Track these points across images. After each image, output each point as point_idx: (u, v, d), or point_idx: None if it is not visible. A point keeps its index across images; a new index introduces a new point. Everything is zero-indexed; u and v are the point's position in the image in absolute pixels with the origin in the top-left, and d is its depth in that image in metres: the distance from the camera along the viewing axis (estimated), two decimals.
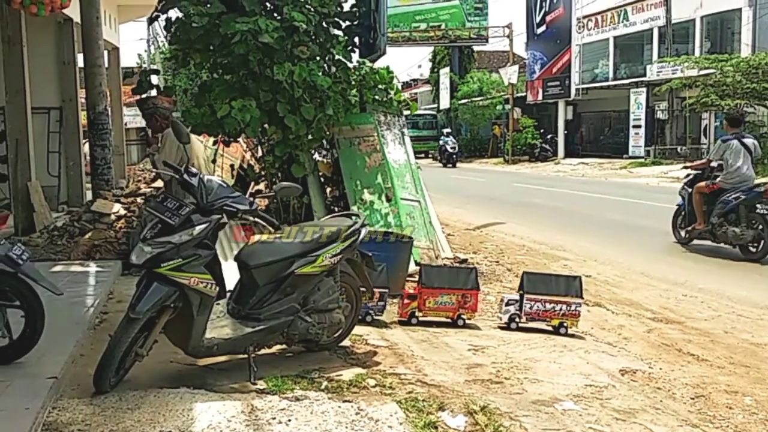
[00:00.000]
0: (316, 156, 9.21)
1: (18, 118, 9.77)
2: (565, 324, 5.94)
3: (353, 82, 8.44)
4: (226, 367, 4.62)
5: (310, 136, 8.23)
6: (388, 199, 8.36)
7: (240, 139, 9.92)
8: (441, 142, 33.39)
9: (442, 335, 5.73)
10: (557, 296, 5.95)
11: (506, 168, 31.80)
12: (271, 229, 4.27)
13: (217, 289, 4.23)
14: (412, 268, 7.33)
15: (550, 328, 5.97)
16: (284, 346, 4.93)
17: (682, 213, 10.35)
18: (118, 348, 3.98)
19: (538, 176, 26.37)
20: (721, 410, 4.35)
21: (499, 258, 9.59)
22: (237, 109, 7.47)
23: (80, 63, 12.16)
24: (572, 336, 5.91)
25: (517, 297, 6.04)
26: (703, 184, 9.76)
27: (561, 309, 5.95)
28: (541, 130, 34.44)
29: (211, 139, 12.08)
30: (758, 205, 9.10)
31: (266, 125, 8.17)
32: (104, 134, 10.77)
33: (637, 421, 4.04)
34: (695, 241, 10.07)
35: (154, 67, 29.47)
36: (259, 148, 10.94)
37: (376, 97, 8.82)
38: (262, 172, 9.03)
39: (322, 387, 4.33)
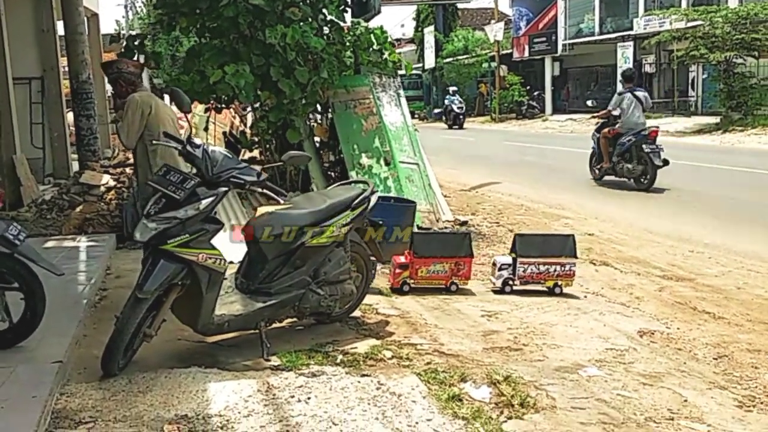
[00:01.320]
0: (311, 121, 8.96)
1: None
2: (559, 284, 5.83)
3: (348, 44, 8.16)
4: (236, 344, 4.46)
5: (304, 101, 7.97)
6: (387, 163, 8.16)
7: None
8: (446, 102, 31.58)
9: (452, 301, 5.60)
10: (551, 257, 5.83)
11: (494, 126, 31.54)
12: (280, 200, 4.07)
13: (227, 264, 4.05)
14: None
15: (545, 290, 5.86)
16: (294, 320, 4.78)
17: (594, 155, 12.43)
18: (126, 329, 3.81)
19: (527, 134, 26.19)
20: (747, 370, 4.25)
21: (498, 219, 9.44)
22: (230, 74, 7.19)
23: (60, 31, 11.76)
24: (585, 297, 5.80)
25: (510, 261, 5.90)
26: (606, 130, 11.83)
27: (555, 270, 5.83)
28: (528, 87, 34.11)
29: (200, 106, 11.79)
30: (644, 146, 11.16)
31: (259, 90, 7.90)
32: (89, 104, 10.46)
33: (664, 386, 3.94)
34: (606, 177, 12.02)
35: (133, 33, 28.66)
36: (250, 114, 10.69)
37: (371, 58, 8.54)
38: (255, 139, 8.78)
39: (338, 361, 4.20)
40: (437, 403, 3.59)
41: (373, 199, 4.75)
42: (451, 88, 32.16)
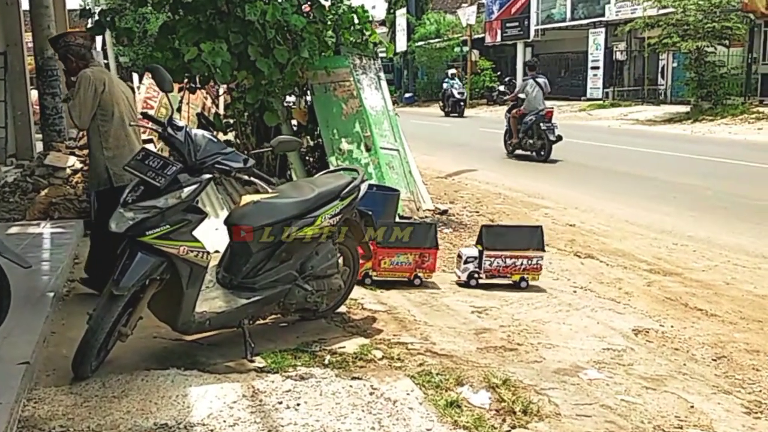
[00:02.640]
0: (287, 103, 8.66)
1: None
2: (526, 278, 5.68)
3: (329, 22, 7.85)
4: (217, 342, 4.20)
5: (282, 82, 7.66)
6: (368, 149, 7.91)
7: None
8: (444, 86, 28.90)
9: (441, 296, 5.40)
10: (518, 251, 5.66)
11: (466, 112, 31.30)
12: (268, 188, 3.79)
13: (210, 257, 3.77)
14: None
15: (510, 283, 5.70)
16: (278, 316, 4.53)
17: (507, 132, 14.54)
18: (100, 329, 3.52)
19: (500, 120, 25.86)
20: (748, 373, 4.12)
21: (477, 208, 9.27)
22: (206, 52, 6.84)
23: (24, 4, 11.22)
24: (575, 291, 5.66)
25: (476, 253, 5.71)
26: (514, 111, 14.02)
27: (522, 264, 5.67)
28: (499, 73, 33.95)
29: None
30: (542, 124, 13.36)
31: (235, 70, 7.56)
32: (54, 81, 9.99)
33: (668, 390, 3.79)
34: (518, 151, 14.16)
35: (102, 8, 27.84)
36: (223, 96, 10.32)
37: (352, 38, 8.25)
38: (230, 121, 8.43)
39: (326, 362, 3.97)
40: (435, 410, 3.39)
41: (363, 188, 4.50)
42: (450, 71, 29.87)
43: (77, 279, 5.37)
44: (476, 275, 5.68)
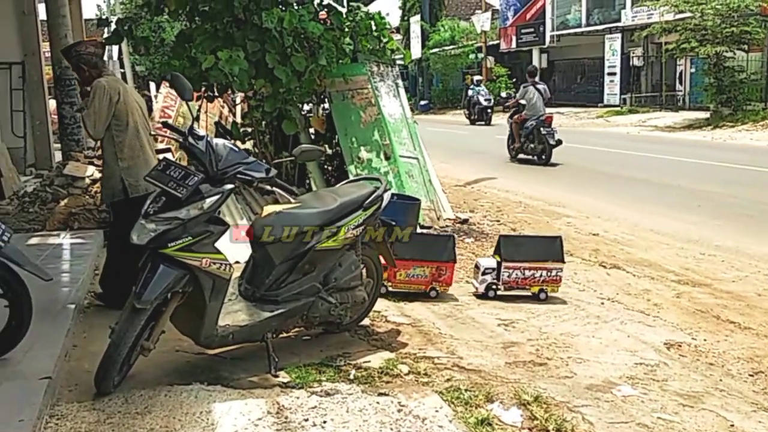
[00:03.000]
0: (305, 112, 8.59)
1: None
2: (545, 290, 5.55)
3: (346, 29, 7.78)
4: (239, 356, 4.12)
5: (299, 90, 7.60)
6: (387, 157, 7.82)
7: None
8: (470, 93, 27.52)
9: (465, 308, 5.29)
10: (537, 262, 5.54)
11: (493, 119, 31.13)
12: (290, 198, 3.70)
13: (233, 270, 3.69)
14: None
15: (529, 295, 5.58)
16: (301, 329, 4.43)
17: (509, 138, 14.92)
18: (123, 344, 3.45)
19: None
20: None
21: (498, 217, 9.15)
22: (224, 61, 6.80)
23: (42, 14, 11.25)
24: (602, 303, 5.52)
25: (494, 264, 5.58)
26: (516, 116, 14.42)
27: (541, 276, 5.54)
28: (514, 80, 33.79)
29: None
30: (542, 129, 13.79)
31: (253, 78, 7.51)
32: (72, 90, 9.98)
33: (705, 407, 3.66)
34: (520, 156, 14.60)
35: (117, 17, 27.99)
36: (240, 104, 10.26)
37: (370, 45, 8.18)
38: (248, 129, 8.38)
39: (351, 377, 3.87)
40: (465, 428, 3.28)
41: (387, 198, 4.41)
42: (476, 77, 28.77)
43: (95, 292, 5.30)
44: (494, 287, 5.56)
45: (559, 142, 13.73)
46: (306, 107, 8.68)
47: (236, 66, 6.84)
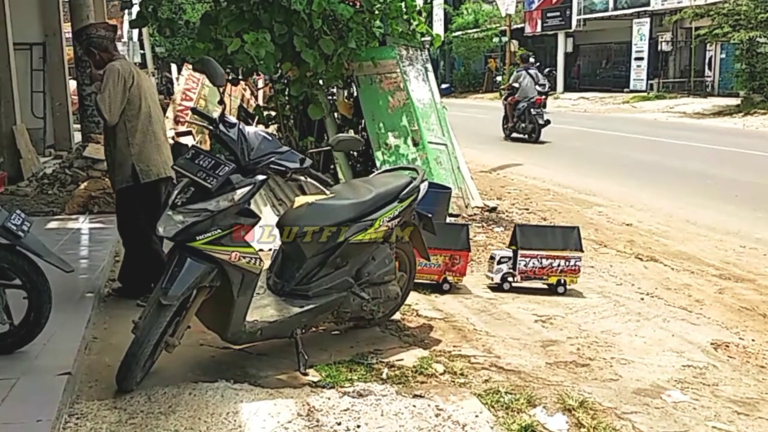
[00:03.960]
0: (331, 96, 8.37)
1: None
2: (563, 281, 5.31)
3: (376, 12, 7.53)
4: (266, 351, 3.93)
5: (327, 74, 7.37)
6: (415, 144, 7.59)
7: None
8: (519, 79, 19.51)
9: (500, 303, 5.08)
10: (554, 251, 5.30)
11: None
12: (325, 190, 3.49)
13: (263, 264, 3.50)
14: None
15: (545, 287, 5.35)
16: (329, 324, 4.24)
17: (504, 118, 16.15)
18: (147, 341, 3.27)
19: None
20: None
21: (527, 204, 8.90)
22: (250, 43, 6.59)
23: None
24: (642, 299, 5.28)
25: (510, 254, 5.36)
26: (510, 98, 15.60)
27: (559, 265, 5.30)
28: (538, 64, 33.20)
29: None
30: (532, 110, 15.04)
31: (279, 62, 7.29)
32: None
33: (762, 416, 3.43)
34: (513, 134, 15.75)
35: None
36: (261, 89, 10.07)
37: (400, 28, 7.92)
38: (272, 113, 8.17)
39: (384, 376, 3.68)
40: None
41: (424, 189, 4.19)
42: (531, 58, 20.66)
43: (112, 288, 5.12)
44: (510, 277, 5.34)
45: (547, 122, 15.08)
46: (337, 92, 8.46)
47: (263, 49, 6.63)
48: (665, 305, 5.20)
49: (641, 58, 28.19)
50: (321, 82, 7.39)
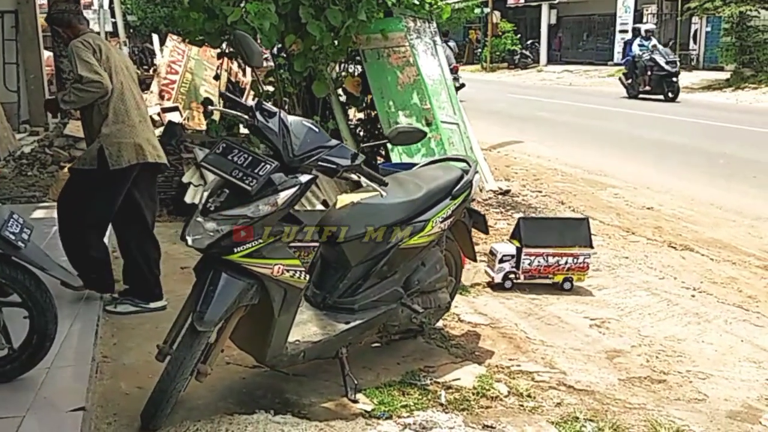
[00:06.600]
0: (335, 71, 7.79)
1: None
2: (570, 279, 4.89)
3: None
4: (305, 372, 3.44)
5: (333, 48, 6.80)
6: (428, 123, 7.06)
7: None
8: (635, 51, 17.90)
9: (544, 303, 4.63)
10: (562, 248, 4.86)
11: (486, 76, 30.22)
12: (380, 191, 2.98)
13: (308, 277, 2.99)
14: None
15: (550, 284, 4.93)
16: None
17: None
18: (181, 375, 2.76)
19: (525, 85, 25.05)
20: None
21: (538, 186, 8.46)
22: (253, 14, 6.00)
23: None
24: (693, 296, 4.87)
25: (513, 251, 4.88)
26: None
27: (566, 263, 4.86)
28: (519, 36, 32.76)
29: (194, 48, 10.50)
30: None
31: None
32: None
33: None
34: None
35: None
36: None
37: None
38: (270, 89, 7.57)
39: (442, 400, 3.22)
40: None
41: (476, 183, 3.71)
42: (644, 27, 18.82)
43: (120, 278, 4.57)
44: (513, 276, 4.89)
45: (462, 86, 15.28)
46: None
47: (266, 21, 6.04)
48: (718, 303, 4.79)
49: (626, 31, 27.70)
50: (327, 56, 6.81)
